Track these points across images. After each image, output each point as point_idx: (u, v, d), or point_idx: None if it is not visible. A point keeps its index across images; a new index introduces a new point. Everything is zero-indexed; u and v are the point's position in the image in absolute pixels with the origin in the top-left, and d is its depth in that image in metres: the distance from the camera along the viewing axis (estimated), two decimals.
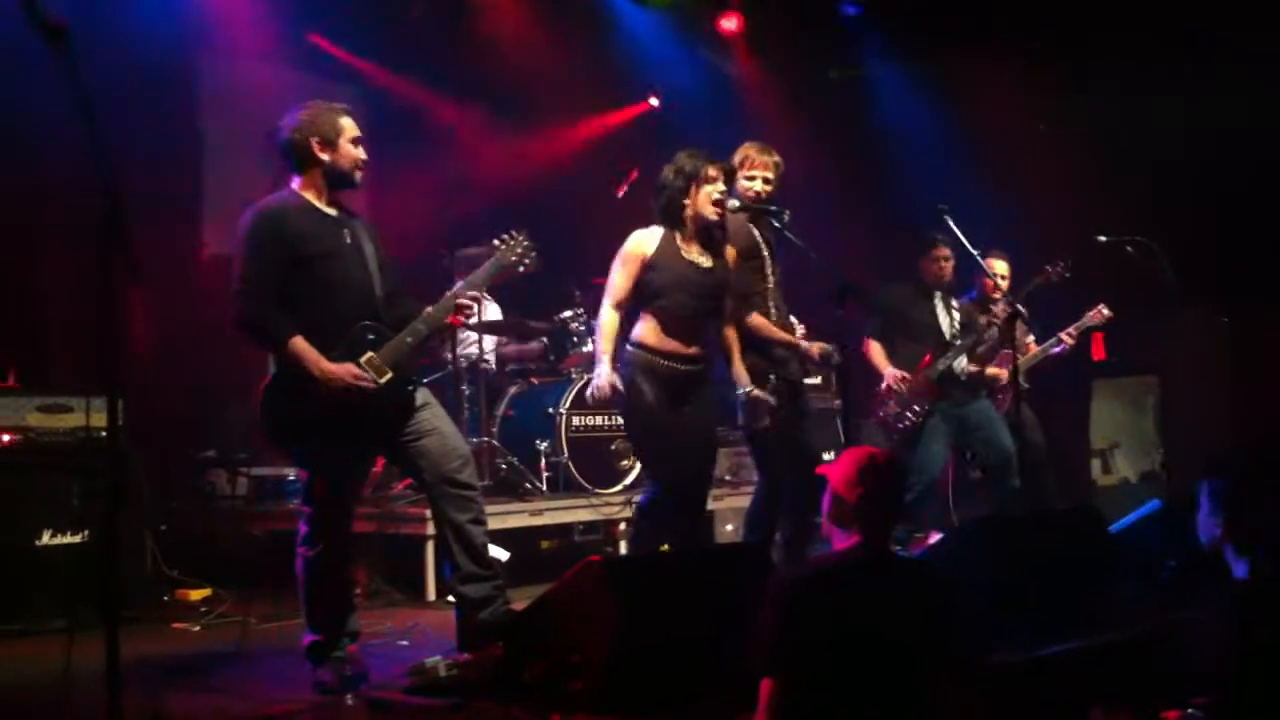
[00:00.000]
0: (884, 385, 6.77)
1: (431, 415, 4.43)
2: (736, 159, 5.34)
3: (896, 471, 3.23)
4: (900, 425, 6.71)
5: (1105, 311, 7.11)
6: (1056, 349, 7.14)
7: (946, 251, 6.87)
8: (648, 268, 4.87)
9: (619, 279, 4.91)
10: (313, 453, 4.31)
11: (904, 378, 6.72)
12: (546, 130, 9.13)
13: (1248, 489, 3.00)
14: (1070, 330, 7.12)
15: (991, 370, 7.04)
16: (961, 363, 6.77)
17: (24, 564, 5.47)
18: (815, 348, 5.35)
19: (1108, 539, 4.94)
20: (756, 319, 5.29)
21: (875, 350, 6.87)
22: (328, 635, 4.35)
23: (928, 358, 6.73)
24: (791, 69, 9.75)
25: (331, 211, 4.39)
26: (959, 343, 6.80)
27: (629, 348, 4.92)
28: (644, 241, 4.92)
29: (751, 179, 5.33)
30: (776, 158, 5.39)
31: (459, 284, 4.51)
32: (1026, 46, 8.68)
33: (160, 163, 6.90)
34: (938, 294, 6.97)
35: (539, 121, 9.17)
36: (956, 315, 6.97)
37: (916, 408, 6.69)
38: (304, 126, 4.33)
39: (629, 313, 4.97)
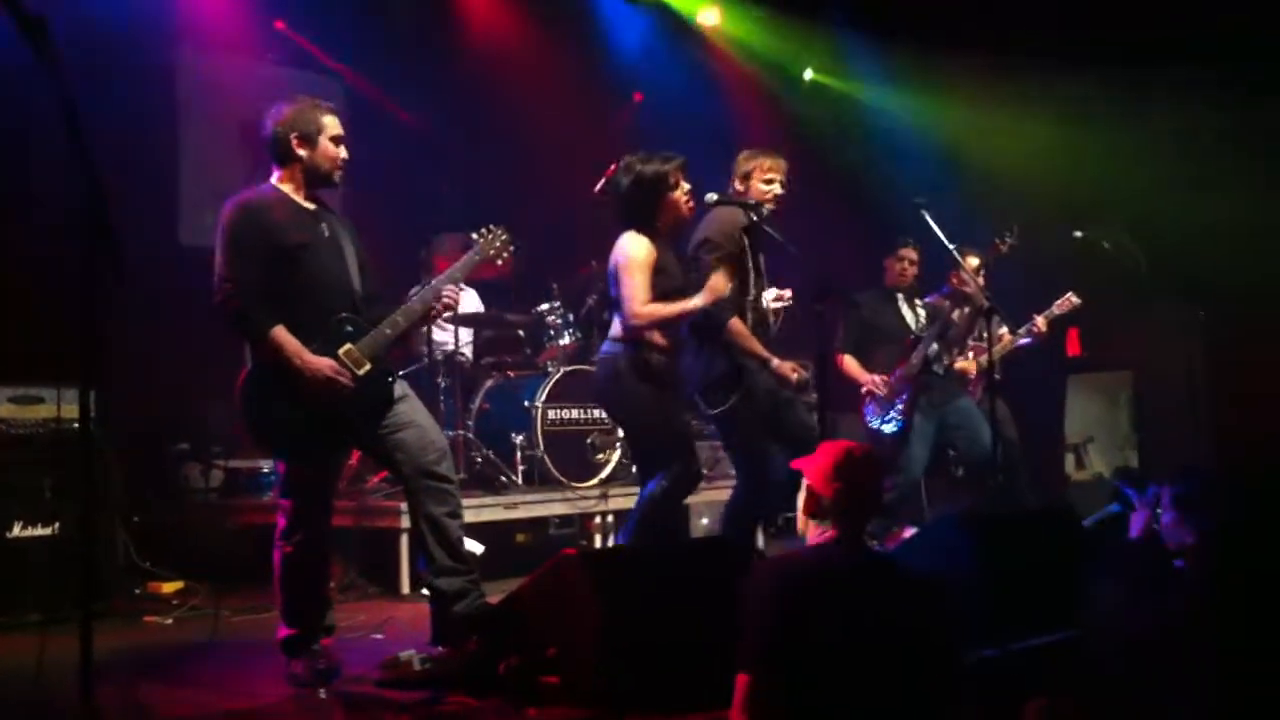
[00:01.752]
0: (863, 390, 6.80)
1: (410, 408, 4.41)
2: (748, 166, 5.34)
3: (875, 466, 3.21)
4: (889, 428, 6.72)
5: (1074, 299, 7.12)
6: (1027, 339, 7.14)
7: (913, 255, 6.92)
8: (657, 271, 4.88)
9: (642, 284, 4.83)
10: (291, 446, 4.29)
11: (882, 380, 6.74)
12: (524, 124, 9.09)
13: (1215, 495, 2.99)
14: (1040, 318, 7.12)
15: (960, 364, 7.04)
16: (934, 349, 6.77)
17: None
18: (787, 367, 5.18)
19: (1081, 534, 4.96)
20: (736, 324, 5.10)
21: (850, 364, 6.92)
22: (303, 629, 4.34)
23: (903, 360, 6.74)
24: (770, 66, 9.76)
25: (309, 206, 4.39)
26: (926, 332, 6.82)
27: (623, 346, 4.89)
28: (649, 246, 4.90)
29: (770, 182, 5.33)
30: (784, 160, 5.39)
31: (438, 277, 4.50)
32: (1008, 43, 8.69)
33: (137, 157, 6.84)
34: (900, 295, 7.00)
35: (517, 114, 9.12)
36: (921, 313, 7.00)
37: (899, 405, 6.70)
38: (286, 121, 4.34)
39: (610, 315, 4.95)
